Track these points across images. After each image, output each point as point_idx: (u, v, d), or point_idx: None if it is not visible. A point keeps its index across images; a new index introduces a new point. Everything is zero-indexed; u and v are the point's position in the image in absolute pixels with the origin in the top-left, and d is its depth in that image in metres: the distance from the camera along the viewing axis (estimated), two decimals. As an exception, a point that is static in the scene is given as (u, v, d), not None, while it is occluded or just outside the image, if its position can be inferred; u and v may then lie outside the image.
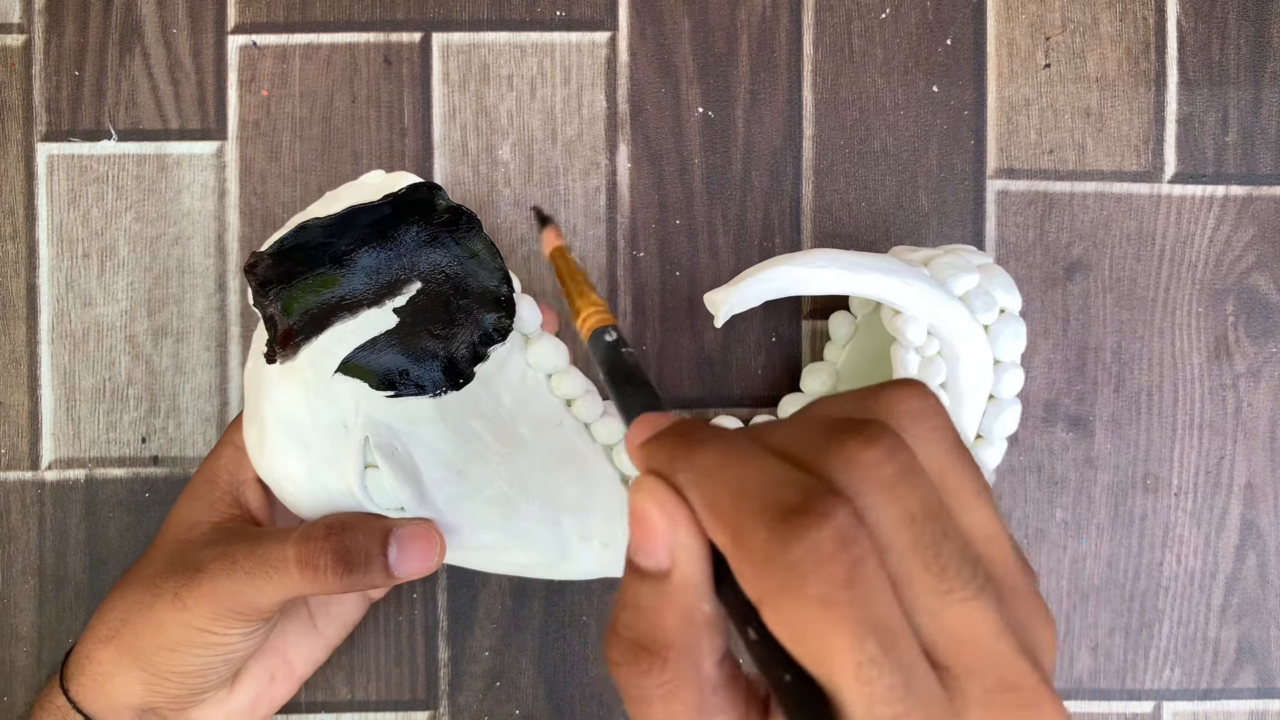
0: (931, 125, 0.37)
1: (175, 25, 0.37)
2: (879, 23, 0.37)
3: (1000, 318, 0.31)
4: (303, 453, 0.28)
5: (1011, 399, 0.32)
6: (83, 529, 0.37)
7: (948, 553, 0.16)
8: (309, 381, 0.27)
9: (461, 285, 0.29)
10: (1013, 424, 0.32)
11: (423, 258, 0.28)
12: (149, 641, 0.28)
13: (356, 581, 0.27)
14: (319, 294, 0.27)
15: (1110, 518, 0.37)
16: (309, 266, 0.27)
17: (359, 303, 0.28)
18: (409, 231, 0.28)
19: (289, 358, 0.27)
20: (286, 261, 0.27)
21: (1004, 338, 0.31)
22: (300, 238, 0.27)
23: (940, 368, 0.31)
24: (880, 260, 0.30)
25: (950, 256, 0.31)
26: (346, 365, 0.28)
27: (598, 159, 0.37)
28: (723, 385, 0.37)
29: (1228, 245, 0.37)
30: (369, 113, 0.37)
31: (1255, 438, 0.37)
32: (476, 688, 0.37)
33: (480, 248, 0.29)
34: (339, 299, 0.28)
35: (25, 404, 0.37)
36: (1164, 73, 0.37)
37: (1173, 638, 0.37)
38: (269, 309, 0.27)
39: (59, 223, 0.37)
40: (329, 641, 0.33)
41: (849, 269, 0.29)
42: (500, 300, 0.29)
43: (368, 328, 0.28)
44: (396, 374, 0.28)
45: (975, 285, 0.31)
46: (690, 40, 0.37)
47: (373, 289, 0.28)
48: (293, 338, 0.27)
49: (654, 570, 0.17)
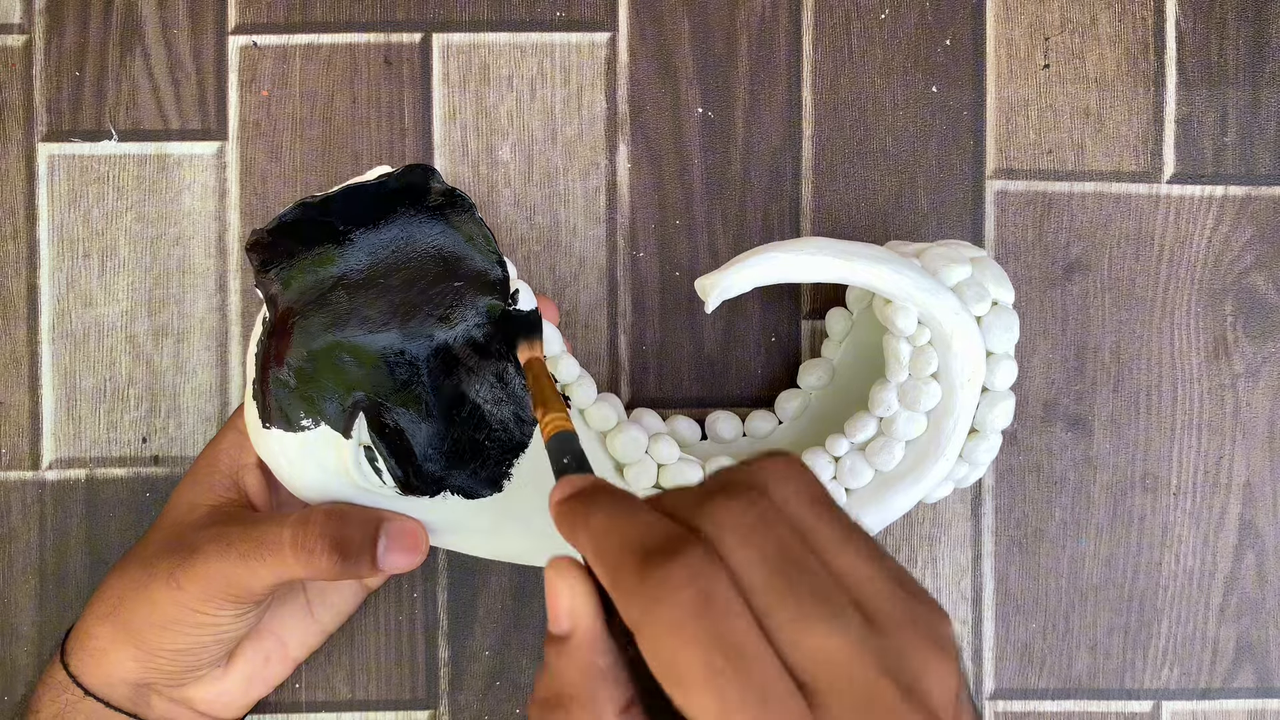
0: (931, 125, 0.37)
1: (176, 25, 0.37)
2: (878, 23, 0.37)
3: (992, 309, 0.31)
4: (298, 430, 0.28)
5: (1005, 391, 0.32)
6: (83, 529, 0.37)
7: (803, 585, 0.18)
8: None
9: (456, 267, 0.29)
10: (1006, 417, 0.32)
11: (418, 239, 0.29)
12: (143, 619, 0.29)
13: (349, 569, 0.28)
14: (316, 272, 0.28)
15: (1109, 517, 0.37)
16: (307, 244, 0.28)
17: (355, 282, 0.28)
18: (405, 212, 0.28)
19: (284, 350, 0.27)
20: (286, 239, 0.27)
21: (996, 329, 0.31)
22: (298, 214, 0.28)
23: (932, 358, 0.31)
24: (871, 249, 0.30)
25: (942, 248, 0.31)
26: (343, 345, 0.28)
27: (597, 159, 0.37)
28: (723, 385, 0.37)
29: (1226, 245, 0.37)
30: (369, 113, 0.37)
31: (1254, 437, 0.37)
32: (476, 688, 0.37)
33: (475, 231, 0.29)
34: (337, 278, 0.28)
35: (26, 404, 0.37)
36: (1163, 73, 0.37)
37: (1171, 637, 0.37)
38: (270, 288, 0.28)
39: (59, 223, 0.37)
40: (324, 628, 0.34)
41: (839, 256, 0.29)
42: (494, 283, 0.29)
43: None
44: (392, 354, 0.28)
45: (967, 276, 0.31)
46: (690, 41, 0.37)
47: (369, 267, 0.28)
48: (291, 317, 0.27)
49: (560, 635, 0.20)
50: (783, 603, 0.18)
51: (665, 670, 0.17)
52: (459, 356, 0.29)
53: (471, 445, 0.30)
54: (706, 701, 0.17)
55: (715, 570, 0.18)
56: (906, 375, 0.31)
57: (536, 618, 0.37)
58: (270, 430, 0.28)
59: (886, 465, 0.32)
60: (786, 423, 0.36)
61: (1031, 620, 0.37)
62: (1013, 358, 0.32)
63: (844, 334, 0.35)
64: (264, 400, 0.28)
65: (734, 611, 0.17)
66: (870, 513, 0.32)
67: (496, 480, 0.30)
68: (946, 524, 0.37)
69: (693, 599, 0.17)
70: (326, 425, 0.28)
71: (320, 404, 0.28)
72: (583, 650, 0.20)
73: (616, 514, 0.20)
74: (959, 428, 0.31)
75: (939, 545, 0.37)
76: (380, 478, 0.29)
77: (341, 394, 0.28)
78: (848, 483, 0.32)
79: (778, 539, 0.19)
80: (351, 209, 0.28)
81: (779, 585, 0.18)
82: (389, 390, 0.28)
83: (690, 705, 0.17)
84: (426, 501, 0.29)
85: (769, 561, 0.18)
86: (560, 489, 0.22)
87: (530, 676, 0.37)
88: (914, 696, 0.17)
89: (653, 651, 0.18)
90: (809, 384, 0.36)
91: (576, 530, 0.20)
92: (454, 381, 0.29)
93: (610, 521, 0.19)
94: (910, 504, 0.32)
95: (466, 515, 0.30)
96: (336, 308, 0.28)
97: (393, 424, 0.28)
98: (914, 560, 0.37)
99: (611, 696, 0.19)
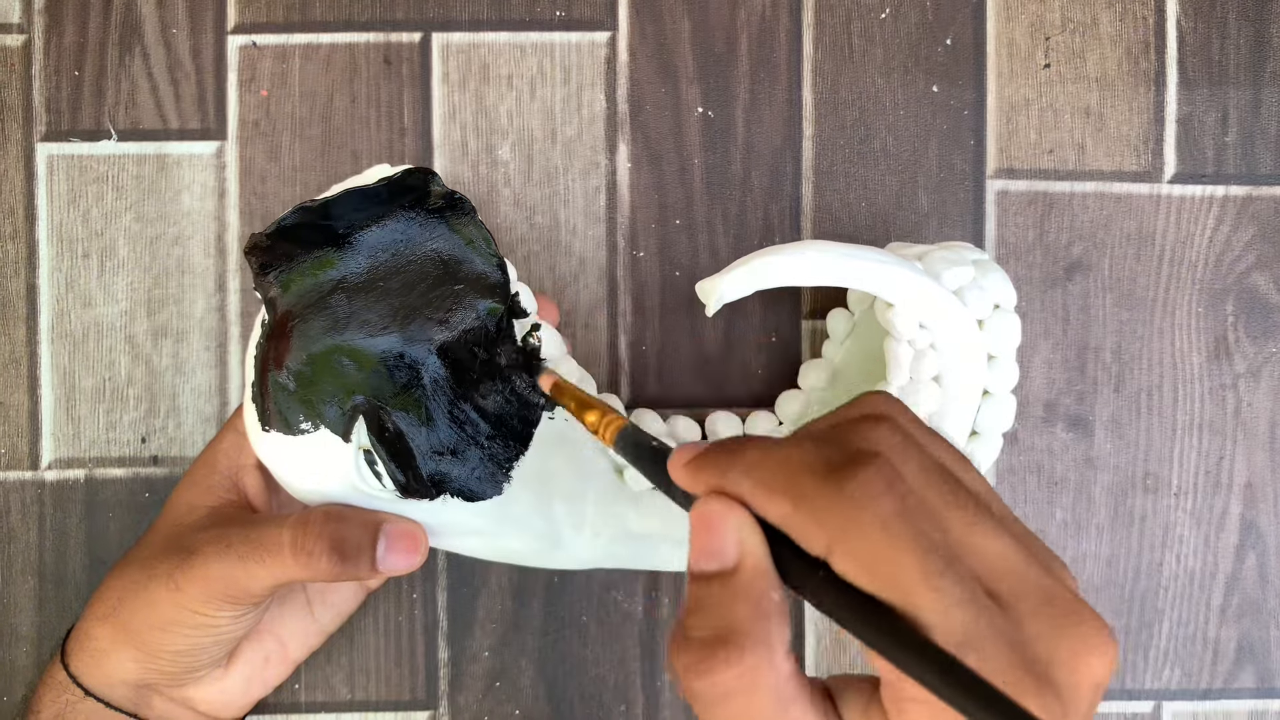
0: (931, 125, 0.37)
1: (175, 25, 0.37)
2: (879, 23, 0.37)
3: (994, 313, 0.31)
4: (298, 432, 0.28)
5: (1006, 394, 0.32)
6: (83, 529, 0.37)
7: (964, 494, 0.19)
8: None
9: (456, 271, 0.29)
10: (1008, 420, 0.32)
11: (418, 242, 0.29)
12: (142, 620, 0.29)
13: (347, 571, 0.28)
14: (316, 276, 0.28)
15: (1110, 518, 0.37)
16: (306, 248, 0.28)
17: (355, 285, 0.28)
18: (404, 215, 0.28)
19: (285, 350, 0.27)
20: (285, 243, 0.27)
21: (998, 332, 0.31)
22: (298, 218, 0.28)
23: (933, 361, 0.31)
24: (873, 252, 0.30)
25: (945, 251, 0.31)
26: (343, 348, 0.28)
27: (597, 159, 0.37)
28: (723, 385, 0.37)
29: (1227, 245, 0.37)
30: (369, 113, 0.37)
31: (1255, 438, 0.37)
32: (476, 688, 0.37)
33: (475, 234, 0.29)
34: (336, 281, 0.28)
35: (25, 404, 0.37)
36: (1164, 73, 0.37)
37: (1172, 638, 0.37)
38: (269, 291, 0.28)
39: (59, 223, 0.37)
40: (324, 628, 0.34)
41: (840, 258, 0.29)
42: (494, 286, 0.29)
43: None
44: (392, 357, 0.28)
45: (969, 280, 0.31)
46: (690, 40, 0.37)
47: (368, 271, 0.28)
48: (290, 321, 0.27)
49: (721, 570, 0.19)
50: (951, 509, 0.18)
51: (881, 574, 0.17)
52: (459, 359, 0.29)
53: (471, 448, 0.30)
54: (930, 600, 0.17)
55: (901, 478, 0.18)
56: (907, 378, 0.31)
57: (536, 618, 0.37)
58: (269, 433, 0.28)
59: None
60: (787, 424, 0.36)
61: (1032, 621, 0.37)
62: (1014, 361, 0.32)
63: (845, 334, 0.35)
64: (263, 403, 0.28)
65: (929, 515, 0.18)
66: None
67: (497, 482, 0.30)
68: (947, 524, 0.37)
69: (895, 504, 0.18)
70: (326, 429, 0.28)
71: (319, 407, 0.28)
72: (757, 582, 0.18)
73: (771, 449, 0.19)
74: (960, 430, 0.31)
75: (939, 546, 0.37)
76: (380, 481, 0.29)
77: (341, 397, 0.28)
78: None
79: (929, 455, 0.19)
80: (351, 212, 0.28)
81: (947, 495, 0.18)
82: (389, 393, 0.28)
83: (913, 604, 0.17)
84: (426, 504, 0.29)
85: (930, 473, 0.19)
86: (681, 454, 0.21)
87: (530, 677, 0.37)
88: (1079, 597, 0.18)
89: (865, 558, 0.17)
90: (809, 384, 0.36)
91: (728, 471, 0.19)
92: (454, 384, 0.29)
93: (768, 454, 0.19)
94: None
95: (466, 517, 0.30)
96: (336, 311, 0.28)
97: (392, 427, 0.28)
98: (914, 561, 0.37)
99: (783, 636, 0.18)
